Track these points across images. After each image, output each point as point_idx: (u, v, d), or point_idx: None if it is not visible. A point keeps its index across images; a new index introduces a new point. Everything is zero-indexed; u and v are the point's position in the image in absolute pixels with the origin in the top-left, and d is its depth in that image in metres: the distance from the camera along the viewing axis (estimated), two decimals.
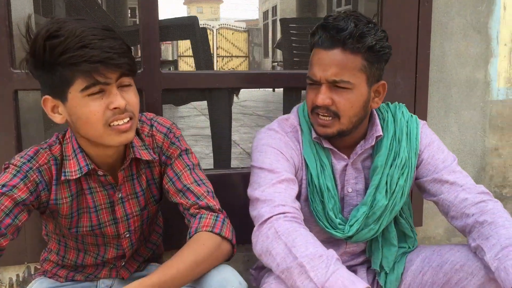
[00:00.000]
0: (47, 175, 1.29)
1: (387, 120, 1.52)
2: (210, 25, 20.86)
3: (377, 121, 1.49)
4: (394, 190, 1.48)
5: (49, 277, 1.50)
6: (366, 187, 1.54)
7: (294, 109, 1.61)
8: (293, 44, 3.60)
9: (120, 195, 1.37)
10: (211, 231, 1.28)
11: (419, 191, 1.57)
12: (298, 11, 12.55)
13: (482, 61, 2.10)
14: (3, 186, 1.21)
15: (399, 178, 1.48)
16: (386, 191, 1.48)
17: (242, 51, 20.38)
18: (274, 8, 21.82)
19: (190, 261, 1.21)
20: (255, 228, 1.32)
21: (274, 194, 1.35)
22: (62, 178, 1.29)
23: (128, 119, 1.21)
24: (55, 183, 1.31)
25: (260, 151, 1.47)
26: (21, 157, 1.27)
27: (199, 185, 1.37)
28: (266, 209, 1.32)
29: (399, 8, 1.93)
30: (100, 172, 1.31)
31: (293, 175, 1.43)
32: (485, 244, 1.33)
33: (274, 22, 21.10)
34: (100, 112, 1.16)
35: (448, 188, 1.46)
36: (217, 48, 19.61)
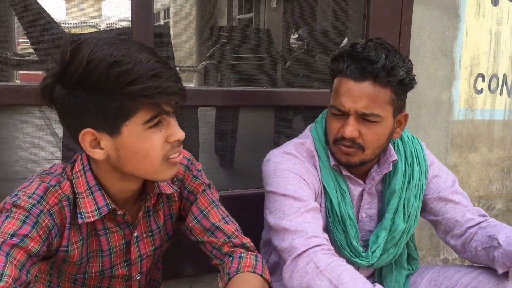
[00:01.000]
0: (58, 217, 1.08)
1: (396, 143, 1.52)
2: (95, 23, 19.85)
3: (390, 145, 1.48)
4: (410, 213, 1.49)
5: None
6: (378, 212, 1.53)
7: (307, 131, 1.54)
8: (231, 54, 3.51)
9: (136, 234, 1.21)
10: (253, 272, 1.20)
11: None
12: (197, 16, 12.39)
13: (447, 83, 2.21)
14: (12, 235, 0.98)
15: (413, 201, 1.49)
16: (404, 214, 1.48)
17: None
18: (167, 11, 21.39)
19: None
20: (288, 262, 1.25)
21: (304, 224, 1.29)
22: (79, 221, 1.09)
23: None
24: (68, 227, 1.10)
25: (281, 177, 1.38)
26: (29, 197, 1.04)
27: (227, 222, 1.28)
28: (299, 241, 1.25)
29: (383, 30, 1.96)
30: (120, 212, 1.14)
31: (317, 204, 1.37)
32: (495, 232, 1.38)
33: (166, 24, 20.67)
34: (161, 145, 1.03)
35: (453, 208, 1.50)
36: None
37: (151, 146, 1.02)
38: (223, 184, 2.20)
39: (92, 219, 1.10)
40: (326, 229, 1.44)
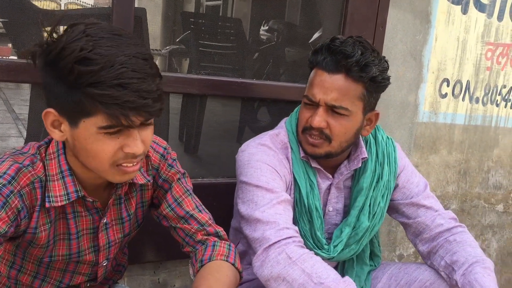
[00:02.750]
0: (28, 199, 1.06)
1: (369, 141, 1.56)
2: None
3: (362, 143, 1.53)
4: (376, 212, 1.54)
5: None
6: (344, 206, 1.57)
7: (282, 123, 1.57)
8: (201, 42, 3.47)
9: (105, 221, 1.20)
10: (226, 260, 1.22)
11: (387, 212, 1.64)
12: (164, 2, 12.10)
13: (414, 85, 2.28)
14: None
15: (380, 201, 1.54)
16: (369, 212, 1.53)
17: None
18: None
19: None
20: (259, 252, 1.28)
21: (275, 216, 1.32)
22: (47, 205, 1.07)
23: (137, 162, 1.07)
24: (38, 209, 1.08)
25: (255, 167, 1.41)
26: (0, 176, 1.01)
27: (200, 211, 1.30)
28: (271, 232, 1.28)
29: (359, 29, 2.00)
30: (89, 199, 1.13)
31: (289, 196, 1.40)
32: (455, 263, 1.45)
33: (143, 8, 20.02)
34: (112, 152, 1.00)
35: (424, 212, 1.56)
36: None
37: (102, 149, 0.99)
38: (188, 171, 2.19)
39: (60, 204, 1.08)
40: (292, 219, 1.48)
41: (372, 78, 1.35)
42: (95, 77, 0.91)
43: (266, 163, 1.41)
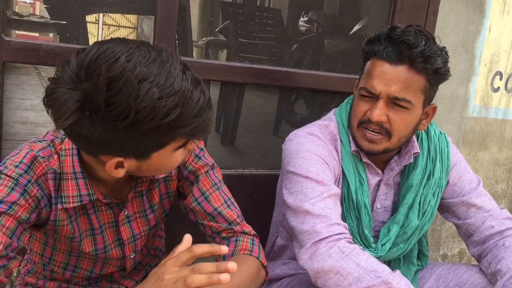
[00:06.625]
0: (46, 188, 1.04)
1: (421, 136, 1.49)
2: None
3: (413, 137, 1.45)
4: (426, 210, 1.46)
5: None
6: (393, 204, 1.51)
7: (331, 114, 1.50)
8: (240, 32, 3.42)
9: (127, 213, 1.17)
10: (250, 255, 1.18)
11: (438, 210, 1.56)
12: None
13: (465, 78, 2.18)
14: (0, 202, 0.95)
15: (430, 199, 1.47)
16: (419, 211, 1.46)
17: (130, 21, 19.22)
18: None
19: (237, 284, 1.09)
20: (308, 245, 1.23)
21: (326, 209, 1.27)
22: (59, 206, 1.06)
23: None
24: (54, 201, 1.06)
25: (304, 158, 1.35)
26: (16, 166, 1.00)
27: (229, 207, 1.24)
28: (321, 226, 1.23)
29: (409, 17, 1.92)
30: (103, 201, 1.11)
31: (339, 190, 1.34)
32: (498, 272, 1.36)
33: None
34: (182, 157, 1.05)
35: (475, 213, 1.47)
36: (103, 15, 18.27)
37: (175, 161, 1.02)
38: (225, 162, 2.17)
39: (71, 205, 1.06)
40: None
41: (436, 70, 1.28)
42: (181, 120, 0.89)
43: (315, 153, 1.36)
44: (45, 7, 1.93)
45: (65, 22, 1.81)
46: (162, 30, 1.52)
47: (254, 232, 1.27)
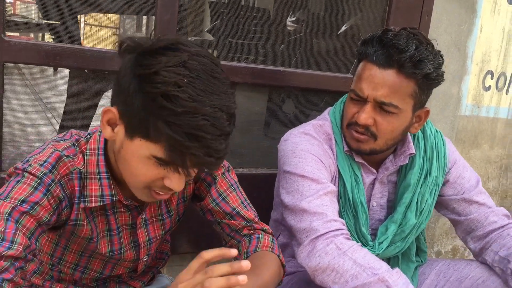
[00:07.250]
0: (68, 189, 1.03)
1: (417, 136, 1.50)
2: None
3: (409, 138, 1.46)
4: (423, 208, 1.48)
5: None
6: (388, 202, 1.52)
7: (326, 114, 1.51)
8: (229, 32, 3.42)
9: (144, 217, 1.17)
10: (271, 252, 1.19)
11: (435, 207, 1.58)
12: None
13: (458, 77, 2.21)
14: (23, 202, 0.93)
15: (428, 197, 1.48)
16: (416, 209, 1.48)
17: (112, 21, 18.97)
18: None
19: (267, 279, 1.10)
20: (305, 242, 1.25)
21: (322, 207, 1.28)
22: (82, 205, 1.05)
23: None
24: (77, 201, 1.05)
25: (299, 157, 1.36)
26: (41, 164, 0.98)
27: (246, 207, 1.25)
28: (318, 223, 1.24)
29: (404, 18, 1.94)
30: (124, 202, 1.11)
31: (335, 187, 1.35)
32: (510, 255, 1.38)
33: None
34: (152, 179, 0.97)
35: (477, 209, 1.49)
36: (85, 15, 18.00)
37: (143, 173, 0.96)
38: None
39: (93, 205, 1.06)
40: None
41: (425, 75, 1.28)
42: (174, 119, 0.87)
43: (310, 152, 1.37)
44: (37, 7, 1.90)
45: (58, 22, 1.79)
46: (162, 30, 1.51)
47: (272, 231, 1.28)
